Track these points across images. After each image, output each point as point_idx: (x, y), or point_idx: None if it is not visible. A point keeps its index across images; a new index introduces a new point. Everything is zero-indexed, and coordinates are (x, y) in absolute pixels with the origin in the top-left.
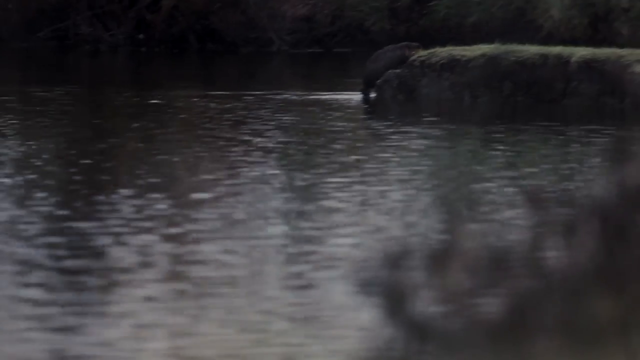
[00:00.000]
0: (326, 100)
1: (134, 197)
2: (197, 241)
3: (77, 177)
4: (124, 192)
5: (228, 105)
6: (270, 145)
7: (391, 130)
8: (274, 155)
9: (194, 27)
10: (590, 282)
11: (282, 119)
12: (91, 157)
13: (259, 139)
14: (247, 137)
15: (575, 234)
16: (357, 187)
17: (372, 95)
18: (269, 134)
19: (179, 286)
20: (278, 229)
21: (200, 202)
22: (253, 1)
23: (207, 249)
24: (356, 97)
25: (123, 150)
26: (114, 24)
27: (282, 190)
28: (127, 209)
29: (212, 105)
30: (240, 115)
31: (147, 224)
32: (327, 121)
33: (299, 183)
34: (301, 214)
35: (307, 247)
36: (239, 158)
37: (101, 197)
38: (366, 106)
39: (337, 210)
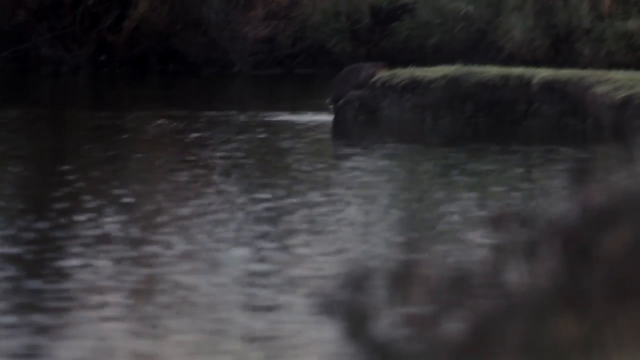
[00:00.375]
0: (288, 121)
1: (92, 219)
2: (158, 264)
3: (34, 199)
4: (83, 214)
5: (189, 126)
6: (232, 165)
7: (352, 151)
8: (234, 175)
9: (155, 49)
10: (553, 303)
11: (243, 140)
12: (49, 177)
13: (220, 160)
14: (208, 158)
15: (537, 254)
16: (319, 208)
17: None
18: (230, 154)
19: (140, 308)
20: (239, 250)
21: (161, 224)
22: (214, 22)
23: (168, 271)
24: (318, 117)
25: (82, 171)
26: (75, 45)
27: (243, 211)
28: (85, 231)
29: (173, 126)
30: (201, 136)
31: (107, 247)
32: (288, 142)
33: (260, 204)
34: (263, 235)
35: (269, 268)
36: (200, 179)
37: (60, 219)
38: (328, 127)
39: (299, 231)
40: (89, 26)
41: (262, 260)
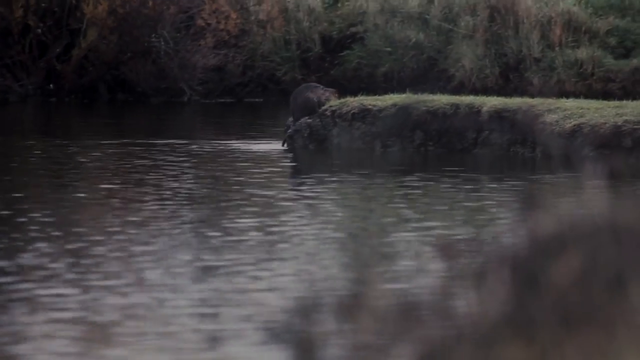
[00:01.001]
0: (238, 149)
1: (40, 248)
2: (109, 294)
3: None
4: (32, 244)
5: (137, 155)
6: (183, 194)
7: (303, 179)
8: (186, 204)
9: (104, 78)
10: (501, 331)
11: (193, 168)
12: None
13: (172, 189)
14: (159, 187)
15: (486, 282)
16: (270, 236)
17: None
18: (180, 183)
19: (88, 340)
20: (186, 280)
21: (112, 252)
22: (164, 51)
23: (116, 302)
24: (268, 146)
25: (29, 199)
26: (24, 74)
27: (193, 238)
28: (34, 261)
29: (120, 154)
30: (151, 165)
31: (57, 277)
32: (238, 170)
33: (212, 231)
34: (211, 266)
35: (217, 299)
36: (151, 208)
37: (12, 247)
38: (278, 155)
39: (251, 260)
40: (38, 55)
41: (214, 290)
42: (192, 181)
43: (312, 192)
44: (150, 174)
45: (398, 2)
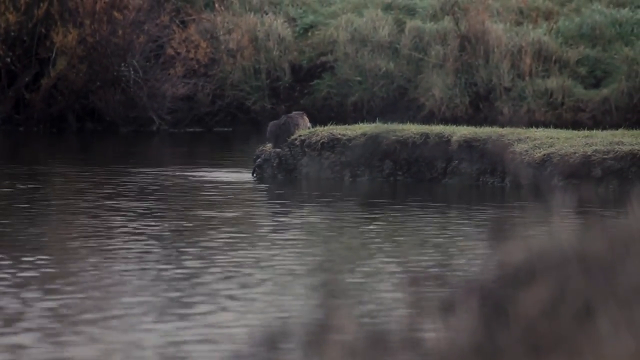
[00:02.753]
0: (206, 179)
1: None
2: (73, 327)
3: None
4: None
5: (102, 184)
6: (148, 225)
7: (271, 210)
8: (148, 233)
9: (73, 107)
10: None
11: (159, 199)
12: None
13: (136, 220)
14: (121, 217)
15: (454, 312)
16: (236, 266)
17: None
18: (145, 212)
19: None
20: (152, 310)
21: (75, 285)
22: (133, 80)
23: (86, 329)
24: (236, 175)
25: None
26: None
27: (158, 271)
28: None
29: (86, 184)
30: (114, 194)
31: (24, 321)
32: (206, 200)
33: (175, 263)
34: (179, 297)
35: (184, 325)
36: (112, 240)
37: None
38: (246, 185)
39: (218, 290)
40: (7, 84)
41: (181, 319)
42: (158, 212)
43: (280, 221)
44: (112, 203)
45: (368, 32)
